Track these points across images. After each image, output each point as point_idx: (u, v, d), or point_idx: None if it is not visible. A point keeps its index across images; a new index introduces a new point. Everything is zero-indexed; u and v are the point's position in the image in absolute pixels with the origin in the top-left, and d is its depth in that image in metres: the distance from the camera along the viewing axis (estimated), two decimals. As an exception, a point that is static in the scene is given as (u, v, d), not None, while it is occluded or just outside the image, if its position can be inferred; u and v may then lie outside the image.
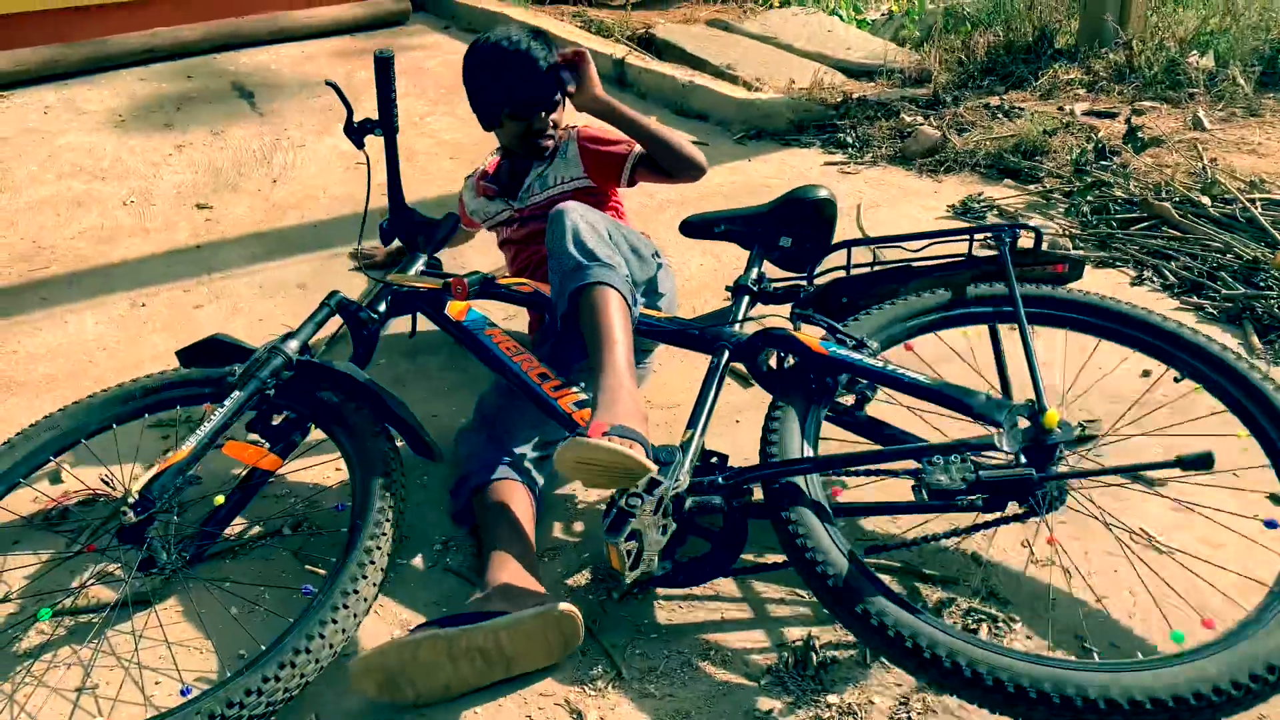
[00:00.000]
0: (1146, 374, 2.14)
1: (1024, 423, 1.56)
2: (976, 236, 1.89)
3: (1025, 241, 1.94)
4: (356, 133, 2.11)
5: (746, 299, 1.96)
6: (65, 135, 3.93)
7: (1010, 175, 3.38)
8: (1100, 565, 1.72)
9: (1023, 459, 1.53)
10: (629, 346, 1.64)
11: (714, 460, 1.71)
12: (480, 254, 2.94)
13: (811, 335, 1.77)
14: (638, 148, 2.22)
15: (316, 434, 1.91)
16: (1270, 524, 1.59)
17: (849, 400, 1.80)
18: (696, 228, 2.13)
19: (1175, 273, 2.63)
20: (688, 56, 4.77)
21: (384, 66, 2.05)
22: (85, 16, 4.61)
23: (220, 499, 1.76)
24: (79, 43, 4.53)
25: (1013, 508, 1.57)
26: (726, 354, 1.82)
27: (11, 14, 4.44)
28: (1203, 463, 1.40)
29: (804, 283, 2.00)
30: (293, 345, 1.88)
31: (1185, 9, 4.24)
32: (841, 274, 1.96)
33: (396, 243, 2.36)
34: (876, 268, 1.95)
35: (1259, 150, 3.34)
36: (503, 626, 1.49)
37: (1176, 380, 1.77)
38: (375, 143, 2.15)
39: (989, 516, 1.59)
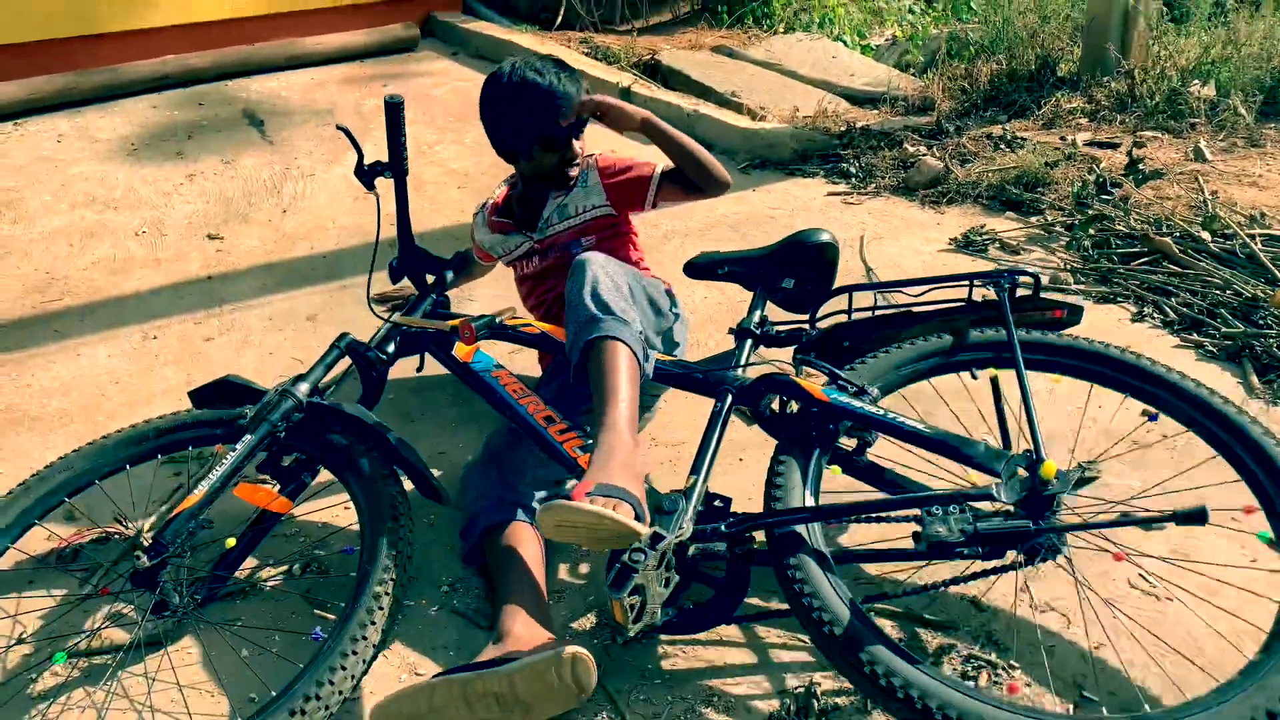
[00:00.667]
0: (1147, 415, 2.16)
1: (1022, 473, 1.59)
2: (976, 282, 1.92)
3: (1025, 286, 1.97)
4: (367, 175, 2.14)
5: (749, 342, 1.99)
6: (78, 164, 3.98)
7: (1012, 207, 3.41)
8: (1098, 611, 1.74)
9: (1021, 509, 1.56)
10: (633, 402, 1.67)
11: (717, 504, 1.73)
12: (489, 286, 2.98)
13: (814, 381, 1.80)
14: (659, 167, 2.22)
15: (325, 474, 1.94)
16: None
17: (850, 444, 1.83)
18: (700, 269, 2.16)
19: (1176, 309, 2.65)
20: (692, 84, 4.82)
21: (394, 112, 2.09)
22: (98, 44, 4.67)
23: (231, 541, 1.79)
24: (92, 70, 4.59)
25: (1012, 555, 1.59)
26: (730, 398, 1.85)
27: (25, 43, 4.50)
28: (1197, 517, 1.42)
29: (806, 326, 2.03)
30: (303, 388, 1.91)
31: (1186, 38, 4.27)
32: (843, 318, 1.99)
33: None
34: (878, 312, 1.98)
35: (1260, 183, 3.37)
36: (516, 670, 1.50)
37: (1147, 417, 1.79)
38: (381, 174, 2.16)
39: (988, 564, 1.62)
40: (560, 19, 5.80)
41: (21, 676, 1.72)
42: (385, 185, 2.14)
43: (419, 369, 2.25)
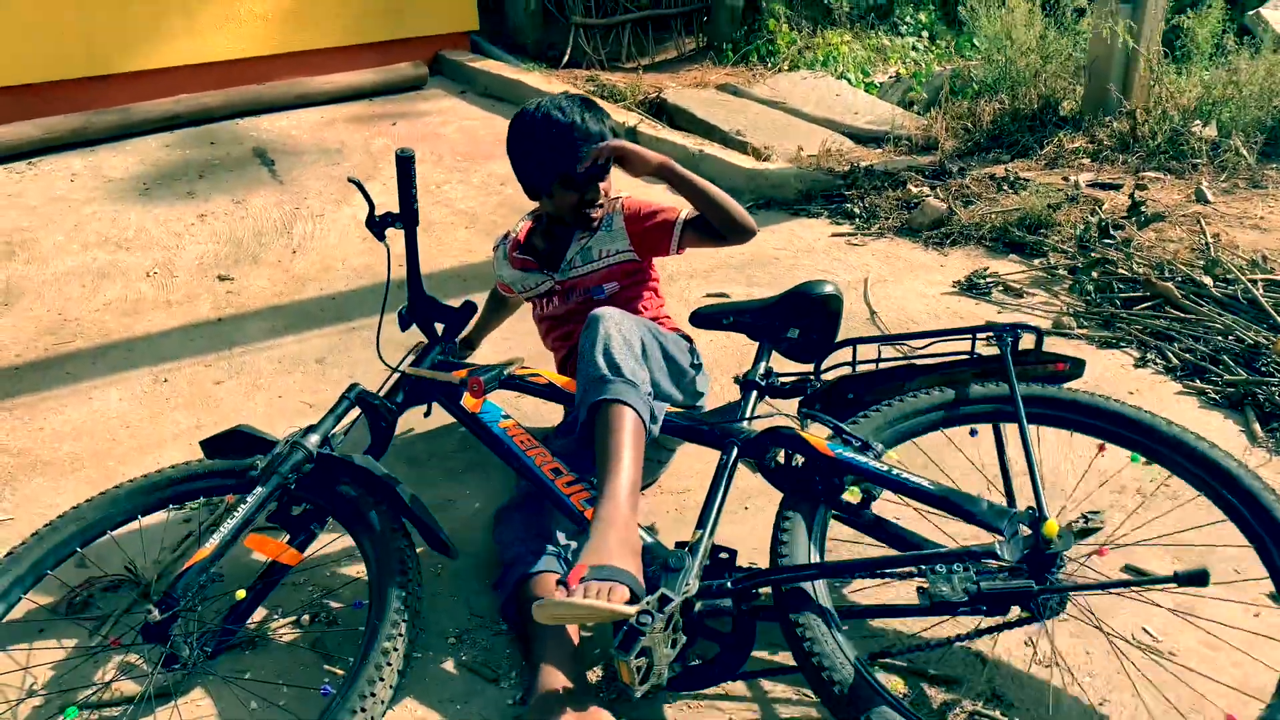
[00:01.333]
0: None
1: (1025, 530, 1.60)
2: (979, 335, 1.94)
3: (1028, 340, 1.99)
4: (378, 225, 2.17)
5: (754, 394, 2.01)
6: (91, 204, 4.03)
7: (1016, 249, 3.43)
8: (1102, 666, 1.75)
9: (1024, 566, 1.57)
10: (635, 468, 1.68)
11: (723, 556, 1.75)
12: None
13: (818, 435, 1.82)
14: (684, 212, 2.22)
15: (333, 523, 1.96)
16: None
17: (855, 498, 1.84)
18: (706, 319, 2.18)
19: (1178, 355, 2.67)
20: (698, 122, 4.87)
21: (405, 165, 2.12)
22: (111, 84, 4.74)
23: (241, 593, 1.81)
24: (105, 110, 4.66)
25: (1015, 612, 1.60)
26: (735, 451, 1.87)
27: (40, 83, 4.58)
28: (1198, 579, 1.43)
29: (811, 378, 2.05)
30: (313, 439, 1.93)
31: (1188, 78, 4.31)
32: (847, 370, 2.01)
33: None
34: (881, 365, 2.00)
35: (1261, 225, 3.39)
36: None
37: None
38: (392, 224, 2.19)
39: (992, 621, 1.63)
40: (567, 57, 5.88)
41: (32, 729, 1.73)
42: (394, 233, 2.17)
43: (426, 414, 2.27)
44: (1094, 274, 3.12)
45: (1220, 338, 2.70)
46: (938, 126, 4.51)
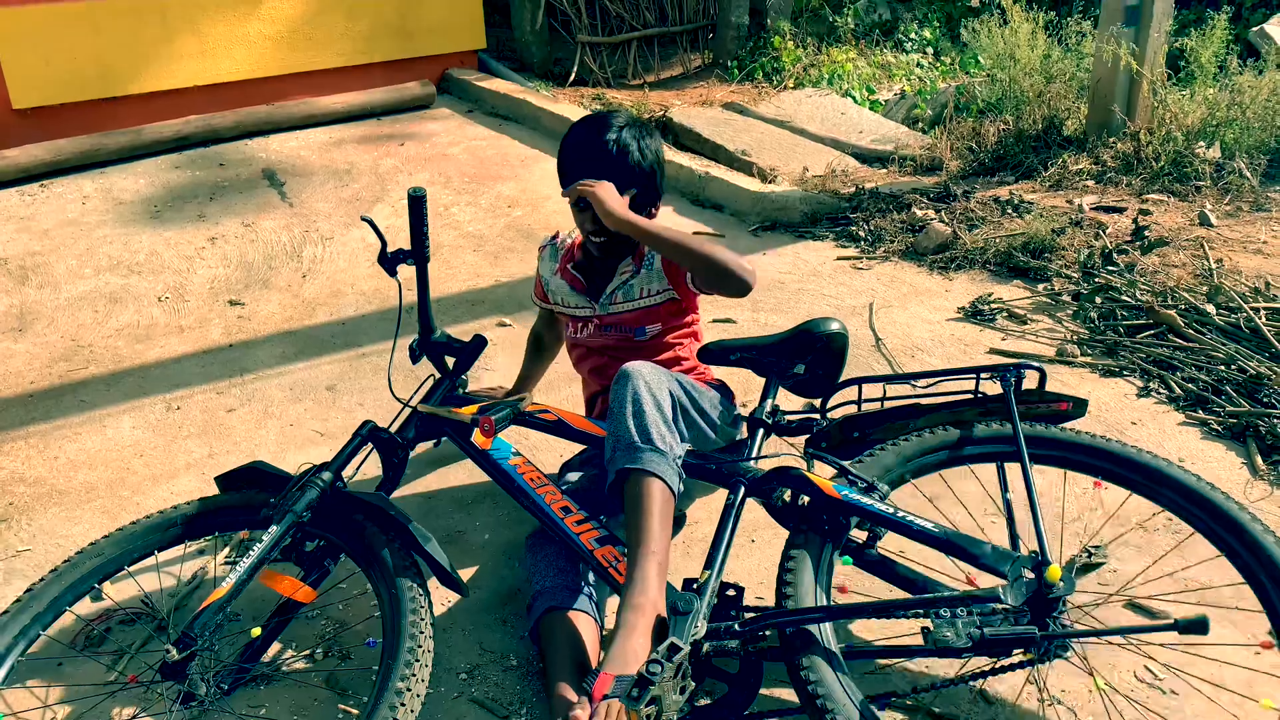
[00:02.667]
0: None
1: (1028, 574, 1.63)
2: (983, 375, 1.96)
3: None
4: (389, 262, 2.20)
5: (761, 432, 2.04)
6: (102, 227, 4.07)
7: (1020, 274, 3.46)
8: (1104, 705, 1.77)
9: (1027, 608, 1.59)
10: (664, 547, 1.70)
11: (730, 593, 1.78)
12: (506, 354, 3.04)
13: (824, 475, 1.85)
14: None
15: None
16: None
17: (861, 537, 1.87)
18: (713, 355, 2.21)
19: (1181, 384, 2.69)
20: (703, 141, 4.90)
21: (417, 205, 2.15)
22: (121, 106, 4.79)
23: (257, 631, 1.84)
24: (115, 131, 4.71)
25: (1019, 654, 1.63)
26: (742, 491, 1.89)
27: (50, 105, 4.62)
28: (1198, 627, 1.45)
29: (816, 416, 2.08)
30: (326, 476, 1.96)
31: (1192, 98, 4.33)
32: (853, 409, 2.04)
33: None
34: (886, 404, 2.02)
35: (1264, 250, 3.41)
36: None
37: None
38: (404, 261, 2.21)
39: (995, 663, 1.65)
40: (574, 75, 5.92)
41: (52, 766, 1.76)
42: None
43: (436, 445, 2.30)
44: (1097, 300, 3.15)
45: (1223, 367, 2.72)
46: (942, 146, 4.54)
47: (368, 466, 2.43)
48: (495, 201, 4.30)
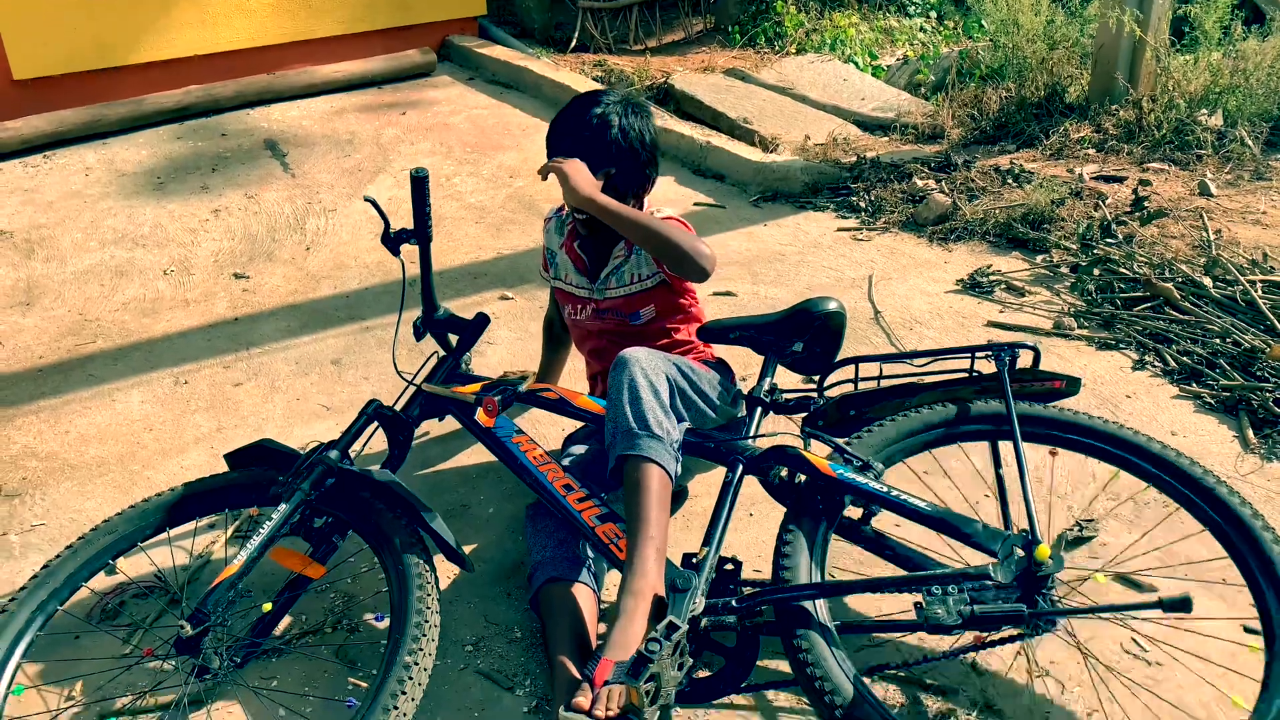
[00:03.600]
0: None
1: (1019, 552, 1.67)
2: (978, 354, 2.00)
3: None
4: (392, 242, 2.22)
5: (759, 411, 2.07)
6: (106, 199, 4.09)
7: (1019, 245, 3.48)
8: (1090, 677, 1.82)
9: (1017, 586, 1.64)
10: (662, 531, 1.75)
11: (728, 567, 1.83)
12: (508, 327, 3.07)
13: (820, 454, 1.89)
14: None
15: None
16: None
17: (856, 514, 1.91)
18: (712, 334, 2.23)
19: (1176, 358, 2.72)
20: (705, 108, 4.89)
21: (419, 185, 2.17)
22: (121, 76, 4.78)
23: (268, 606, 1.90)
24: (116, 102, 4.70)
25: (1008, 629, 1.68)
26: (740, 469, 1.93)
27: (51, 76, 4.62)
28: (1182, 605, 1.50)
29: (814, 394, 2.11)
30: (334, 455, 2.01)
31: (1195, 64, 4.31)
32: (849, 388, 2.08)
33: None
34: (883, 383, 2.06)
35: (1263, 220, 3.42)
36: None
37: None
38: (406, 240, 2.24)
39: (986, 636, 1.71)
40: (575, 41, 5.88)
41: (73, 737, 1.83)
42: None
43: (441, 418, 2.34)
44: (1095, 273, 3.17)
45: (1218, 340, 2.75)
46: (944, 114, 4.53)
47: (374, 441, 2.47)
48: (497, 172, 4.31)
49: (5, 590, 2.18)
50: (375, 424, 2.16)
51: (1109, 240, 3.34)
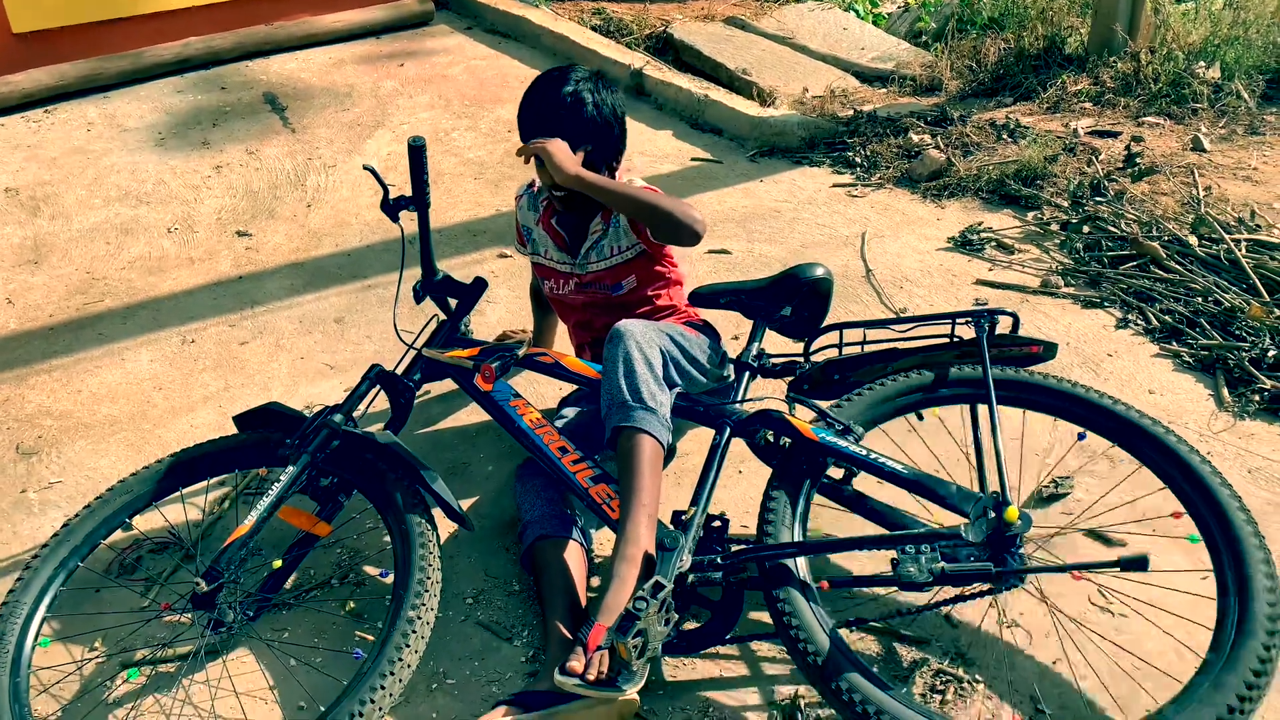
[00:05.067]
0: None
1: (990, 513, 1.76)
2: (959, 320, 2.07)
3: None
4: (392, 209, 2.27)
5: (747, 375, 2.15)
6: (109, 155, 4.13)
7: (1011, 202, 3.52)
8: (1055, 627, 1.92)
9: (987, 546, 1.73)
10: (654, 499, 1.83)
11: (715, 524, 1.92)
12: (507, 286, 3.14)
13: (804, 419, 1.97)
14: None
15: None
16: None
17: (838, 474, 2.00)
18: (703, 299, 2.30)
19: (1158, 316, 2.79)
20: (704, 59, 4.89)
21: (417, 154, 2.22)
22: (120, 28, 4.78)
23: (278, 563, 2.00)
24: (116, 55, 4.71)
25: (979, 584, 1.77)
26: (728, 431, 2.02)
27: (49, 29, 4.62)
28: (1139, 564, 1.59)
29: (800, 359, 2.18)
30: (338, 418, 2.09)
31: (1196, 14, 4.30)
32: (834, 353, 2.15)
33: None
34: (866, 349, 2.13)
35: (1254, 177, 3.45)
36: (577, 711, 1.70)
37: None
38: (405, 207, 2.28)
39: (957, 591, 1.81)
40: (573, -12, 5.84)
41: (99, 686, 1.94)
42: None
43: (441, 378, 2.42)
44: (1084, 230, 3.21)
45: (1200, 300, 2.80)
46: (942, 66, 4.53)
47: (378, 401, 2.55)
48: (495, 125, 4.33)
49: (28, 546, 2.28)
50: (378, 387, 2.24)
51: (1099, 198, 3.38)
